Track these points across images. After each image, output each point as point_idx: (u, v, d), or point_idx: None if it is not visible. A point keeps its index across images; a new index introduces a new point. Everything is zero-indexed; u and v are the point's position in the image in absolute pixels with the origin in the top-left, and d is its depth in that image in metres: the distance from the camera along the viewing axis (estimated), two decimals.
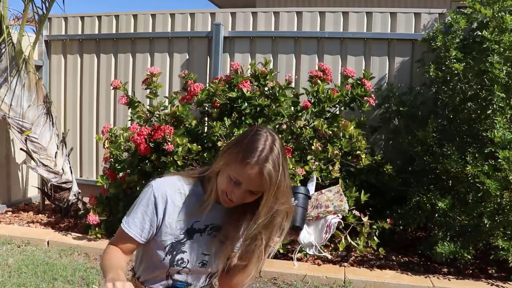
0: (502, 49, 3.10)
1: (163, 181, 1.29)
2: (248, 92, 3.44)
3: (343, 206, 1.40)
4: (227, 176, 1.19)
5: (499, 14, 3.18)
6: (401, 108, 3.78)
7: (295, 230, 1.34)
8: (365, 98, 3.58)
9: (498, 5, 3.26)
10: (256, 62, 3.75)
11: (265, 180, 1.15)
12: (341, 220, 1.41)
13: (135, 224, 1.26)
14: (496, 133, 2.98)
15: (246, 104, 3.45)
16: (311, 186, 1.49)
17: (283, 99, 3.50)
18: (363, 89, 3.57)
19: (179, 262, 1.30)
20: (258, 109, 3.48)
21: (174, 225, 1.27)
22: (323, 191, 1.45)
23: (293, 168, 3.18)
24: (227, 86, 3.58)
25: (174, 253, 1.29)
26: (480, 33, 3.26)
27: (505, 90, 3.10)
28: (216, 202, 1.27)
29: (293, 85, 4.14)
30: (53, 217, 4.38)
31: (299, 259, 3.39)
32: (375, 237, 3.31)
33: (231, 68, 3.69)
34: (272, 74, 3.64)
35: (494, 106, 3.08)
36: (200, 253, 1.31)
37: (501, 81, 3.10)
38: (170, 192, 1.27)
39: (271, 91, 3.53)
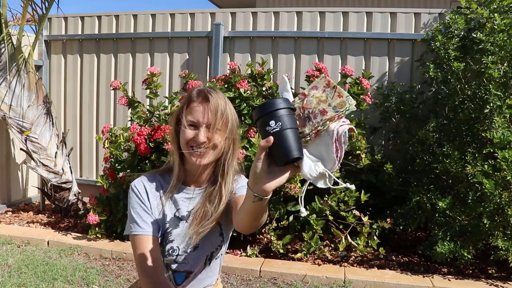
0: (497, 49, 3.11)
1: (139, 179, 1.37)
2: (246, 93, 3.44)
3: (347, 103, 0.97)
4: (183, 128, 1.27)
5: (495, 14, 3.19)
6: (401, 107, 3.78)
7: (293, 162, 0.94)
8: (362, 96, 3.57)
9: (495, 5, 3.26)
10: (255, 62, 3.74)
11: (213, 104, 1.25)
12: (353, 127, 1.00)
13: (139, 224, 1.31)
14: (495, 133, 2.98)
15: (244, 104, 3.44)
16: (287, 93, 1.03)
17: None
18: (360, 87, 3.56)
19: (170, 251, 1.34)
20: None
21: (157, 215, 1.33)
22: (305, 91, 1.01)
23: None
24: (225, 85, 3.58)
25: (164, 243, 1.33)
26: (475, 35, 3.27)
27: (502, 89, 3.10)
28: (195, 187, 1.35)
29: (292, 85, 4.14)
30: (53, 217, 4.38)
31: (299, 259, 3.38)
32: (375, 237, 3.31)
33: (229, 68, 3.68)
34: (270, 74, 3.63)
35: (491, 105, 3.08)
36: (188, 238, 1.33)
37: (497, 81, 3.10)
38: (147, 185, 1.35)
39: (269, 91, 3.53)
